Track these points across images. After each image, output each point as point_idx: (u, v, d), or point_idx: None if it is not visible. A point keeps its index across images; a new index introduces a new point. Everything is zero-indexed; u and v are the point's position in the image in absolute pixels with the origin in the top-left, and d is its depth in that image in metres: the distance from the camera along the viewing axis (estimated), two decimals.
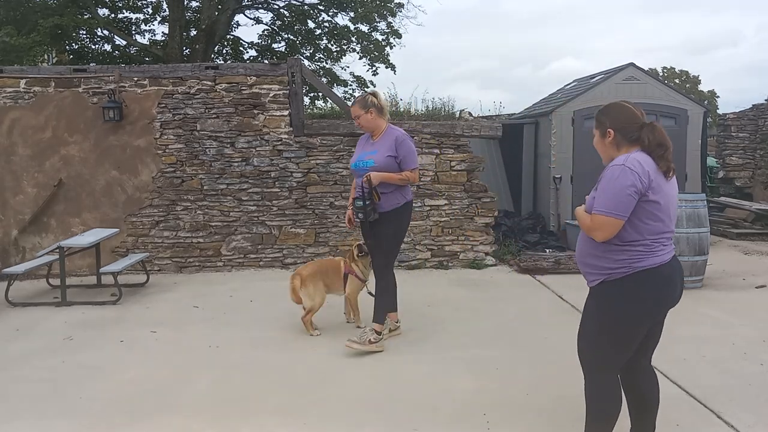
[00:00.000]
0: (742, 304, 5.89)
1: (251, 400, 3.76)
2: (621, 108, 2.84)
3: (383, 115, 4.71)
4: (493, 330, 5.13)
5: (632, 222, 2.63)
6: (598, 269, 2.74)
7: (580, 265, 2.87)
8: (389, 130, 4.68)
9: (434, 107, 8.77)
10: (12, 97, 7.46)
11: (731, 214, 10.51)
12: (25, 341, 4.97)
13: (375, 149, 4.64)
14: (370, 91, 4.78)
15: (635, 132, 2.75)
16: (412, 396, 3.78)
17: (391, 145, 4.58)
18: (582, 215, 2.79)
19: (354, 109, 4.69)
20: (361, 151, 4.75)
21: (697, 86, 45.72)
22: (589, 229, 2.70)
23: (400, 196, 4.63)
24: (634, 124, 2.76)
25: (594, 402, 2.83)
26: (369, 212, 4.52)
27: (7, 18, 13.80)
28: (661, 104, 9.06)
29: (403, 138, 4.60)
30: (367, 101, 4.64)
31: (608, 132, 2.79)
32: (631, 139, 2.75)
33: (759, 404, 3.62)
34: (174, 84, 7.54)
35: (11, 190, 7.51)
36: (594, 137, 2.91)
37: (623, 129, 2.76)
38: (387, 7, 16.95)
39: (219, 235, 7.63)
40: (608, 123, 2.79)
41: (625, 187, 2.59)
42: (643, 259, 2.66)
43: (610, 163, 2.73)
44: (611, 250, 2.68)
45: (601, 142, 2.85)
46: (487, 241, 7.83)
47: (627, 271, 2.66)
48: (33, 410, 3.65)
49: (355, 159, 4.77)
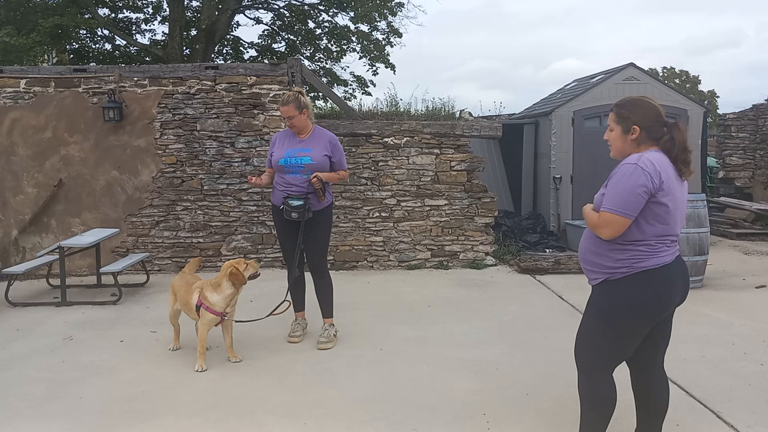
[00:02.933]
0: (742, 304, 5.89)
1: (251, 400, 3.76)
2: (648, 105, 2.76)
3: (311, 115, 4.77)
4: (493, 330, 5.13)
5: (637, 222, 2.61)
6: (600, 267, 2.72)
7: (582, 263, 2.86)
8: (318, 130, 4.76)
9: (434, 107, 8.76)
10: (12, 97, 7.46)
11: (731, 214, 10.51)
12: (25, 341, 4.98)
13: (308, 147, 4.62)
14: (296, 89, 4.69)
15: (660, 131, 2.70)
16: (412, 396, 3.78)
17: (326, 146, 4.65)
18: (589, 212, 2.76)
19: (288, 109, 4.55)
20: (289, 148, 4.64)
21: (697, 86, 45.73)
22: (596, 225, 2.68)
23: (328, 195, 4.75)
24: (660, 122, 2.71)
25: (589, 401, 2.83)
26: (304, 212, 4.54)
27: (7, 18, 13.79)
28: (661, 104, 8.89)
29: (336, 140, 4.76)
30: (301, 102, 4.58)
31: (633, 129, 2.71)
32: (656, 137, 2.70)
33: (759, 404, 3.62)
34: (174, 84, 7.54)
35: (11, 190, 7.51)
36: (611, 131, 2.80)
37: (650, 128, 2.70)
38: (387, 7, 16.95)
39: (219, 235, 7.63)
40: (634, 119, 2.71)
41: (636, 186, 2.55)
42: (645, 259, 2.64)
43: (622, 161, 2.69)
44: (614, 249, 2.67)
45: (622, 138, 2.75)
46: (487, 241, 7.84)
47: (628, 271, 2.64)
48: (33, 410, 3.65)
49: (283, 154, 4.62)
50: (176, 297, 4.59)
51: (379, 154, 7.65)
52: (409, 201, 7.71)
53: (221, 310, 4.27)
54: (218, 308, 4.26)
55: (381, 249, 7.71)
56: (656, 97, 9.89)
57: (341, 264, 7.65)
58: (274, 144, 4.79)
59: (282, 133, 4.83)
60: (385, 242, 7.71)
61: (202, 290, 4.31)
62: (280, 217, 4.70)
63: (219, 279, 4.30)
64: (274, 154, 4.70)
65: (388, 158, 7.66)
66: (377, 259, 7.71)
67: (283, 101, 4.61)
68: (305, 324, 4.98)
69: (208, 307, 4.25)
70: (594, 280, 2.79)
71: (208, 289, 4.29)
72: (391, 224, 7.70)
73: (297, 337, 4.84)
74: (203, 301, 4.27)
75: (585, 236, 2.84)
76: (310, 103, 4.73)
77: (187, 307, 4.41)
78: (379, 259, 7.71)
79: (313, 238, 4.69)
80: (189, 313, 4.44)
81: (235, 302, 4.40)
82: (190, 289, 4.41)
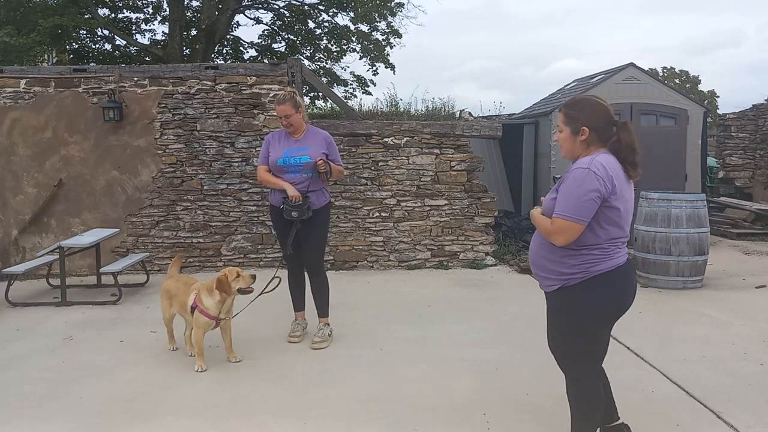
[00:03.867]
0: (742, 304, 5.89)
1: (251, 400, 3.76)
2: (597, 105, 2.70)
3: (305, 115, 4.80)
4: (493, 330, 5.13)
5: (591, 226, 2.58)
6: (556, 274, 2.69)
7: (535, 269, 2.80)
8: (313, 129, 4.78)
9: (434, 107, 8.76)
10: (12, 97, 7.46)
11: (731, 214, 10.51)
12: (25, 341, 4.98)
13: (305, 146, 4.62)
14: (290, 89, 4.70)
15: (610, 132, 2.65)
16: (412, 396, 3.78)
17: (322, 143, 4.67)
18: (541, 219, 2.69)
19: (285, 108, 4.54)
20: (287, 148, 4.64)
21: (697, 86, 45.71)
22: (549, 233, 2.63)
23: (327, 193, 4.77)
24: (610, 122, 2.67)
25: (578, 402, 2.83)
26: (304, 210, 4.54)
27: (7, 18, 13.79)
28: (661, 104, 9.07)
29: (331, 138, 4.78)
30: (296, 101, 4.58)
31: (583, 130, 2.66)
32: (605, 138, 2.66)
33: (759, 404, 3.62)
34: (174, 84, 7.54)
35: (11, 190, 7.51)
36: (560, 132, 2.76)
37: (600, 128, 2.65)
38: (387, 7, 16.95)
39: (219, 235, 7.63)
40: (583, 120, 2.67)
41: (589, 191, 2.51)
42: (599, 262, 2.62)
43: (573, 165, 2.65)
44: (568, 255, 2.64)
45: (571, 140, 2.71)
46: (487, 241, 7.83)
47: (585, 276, 2.62)
48: (33, 410, 3.65)
49: (281, 155, 4.62)
50: (171, 301, 4.52)
51: (379, 154, 7.65)
52: (409, 201, 7.71)
53: (214, 314, 4.23)
54: (211, 312, 4.22)
55: (381, 249, 7.71)
56: (656, 97, 9.90)
57: (341, 264, 7.65)
58: (268, 144, 4.76)
59: (276, 134, 4.80)
60: (385, 242, 7.71)
61: (199, 292, 4.29)
62: (279, 217, 4.69)
63: (211, 284, 4.26)
64: (271, 155, 4.69)
65: (388, 158, 7.66)
66: (377, 259, 7.71)
67: (279, 100, 4.60)
68: (305, 324, 4.98)
69: (202, 309, 4.22)
70: (549, 287, 2.74)
71: (204, 292, 4.26)
72: (391, 224, 7.70)
73: (297, 337, 4.84)
74: (198, 303, 4.25)
75: (536, 242, 2.78)
76: (303, 103, 4.77)
77: (183, 308, 4.39)
78: (379, 259, 7.71)
79: (310, 237, 4.69)
80: (185, 315, 4.41)
81: (229, 309, 4.34)
82: (188, 290, 4.39)
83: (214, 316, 4.24)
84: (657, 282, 6.56)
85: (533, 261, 2.82)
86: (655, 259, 6.54)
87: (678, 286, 6.48)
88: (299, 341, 4.83)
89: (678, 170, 8.85)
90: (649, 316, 5.50)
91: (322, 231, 4.81)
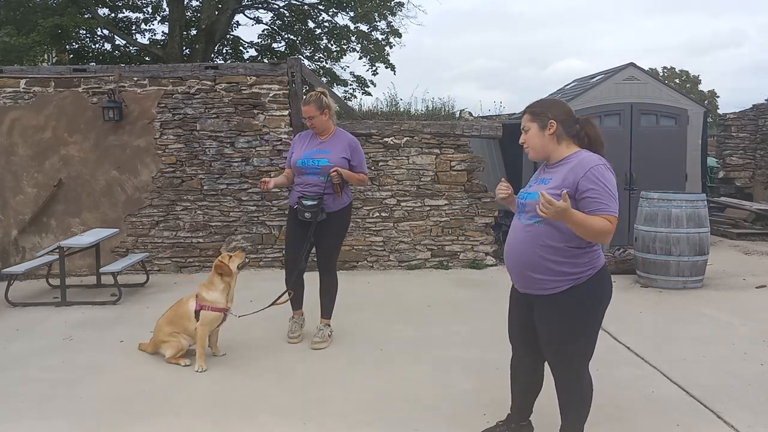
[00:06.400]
0: (742, 304, 5.89)
1: (251, 400, 3.76)
2: (559, 102, 2.88)
3: (333, 116, 4.72)
4: (493, 330, 5.11)
5: None
6: (564, 275, 2.69)
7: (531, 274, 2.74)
8: (339, 132, 4.72)
9: (434, 107, 8.76)
10: (12, 97, 7.46)
11: (731, 214, 10.51)
12: (25, 341, 4.97)
13: (327, 149, 4.58)
14: (320, 90, 4.67)
15: (574, 127, 2.75)
16: (412, 396, 3.78)
17: (345, 148, 4.61)
18: (591, 220, 2.55)
19: (309, 109, 4.51)
20: (308, 149, 4.63)
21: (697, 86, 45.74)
22: (606, 233, 2.56)
23: (345, 196, 4.71)
24: (572, 118, 2.78)
25: (578, 400, 2.85)
26: (318, 212, 4.52)
27: (7, 18, 13.80)
28: (661, 104, 9.06)
29: (356, 143, 4.70)
30: (323, 102, 4.54)
31: (550, 123, 2.74)
32: (571, 133, 2.75)
33: (759, 404, 3.62)
34: (174, 84, 7.53)
35: (11, 190, 7.50)
36: (526, 132, 2.82)
37: (565, 122, 2.75)
38: (387, 7, 16.95)
39: (219, 235, 7.62)
40: (550, 114, 2.75)
41: (615, 184, 2.64)
42: (599, 257, 2.75)
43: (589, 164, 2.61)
44: (577, 254, 2.68)
45: (540, 135, 2.78)
46: (488, 241, 7.83)
47: (593, 272, 2.71)
48: (33, 410, 3.65)
49: (301, 156, 4.61)
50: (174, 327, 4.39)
51: (379, 154, 7.65)
52: (409, 201, 7.71)
53: (223, 305, 4.31)
54: (220, 304, 4.29)
55: (381, 249, 7.71)
56: (656, 97, 9.88)
57: (341, 264, 7.59)
58: (294, 144, 4.80)
59: (304, 134, 4.79)
60: (385, 242, 7.70)
61: (198, 295, 4.33)
62: (294, 218, 4.68)
63: (210, 278, 4.38)
64: (293, 155, 4.71)
65: (388, 158, 7.66)
66: (377, 259, 7.71)
67: (304, 101, 4.61)
68: (302, 321, 4.97)
69: (209, 306, 4.26)
70: (554, 289, 2.71)
71: (203, 291, 4.33)
72: (391, 224, 7.70)
73: (296, 337, 4.84)
74: (202, 303, 4.28)
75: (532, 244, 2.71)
76: (332, 104, 4.69)
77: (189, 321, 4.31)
78: (379, 259, 7.71)
79: (326, 236, 4.66)
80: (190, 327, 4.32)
81: (231, 297, 4.41)
82: (186, 304, 4.39)
83: (223, 308, 4.30)
84: (657, 282, 6.56)
85: (528, 265, 2.75)
86: (655, 259, 6.54)
87: (678, 286, 6.48)
88: (299, 341, 4.83)
89: (678, 170, 8.84)
90: (649, 316, 5.50)
91: (338, 232, 4.75)
